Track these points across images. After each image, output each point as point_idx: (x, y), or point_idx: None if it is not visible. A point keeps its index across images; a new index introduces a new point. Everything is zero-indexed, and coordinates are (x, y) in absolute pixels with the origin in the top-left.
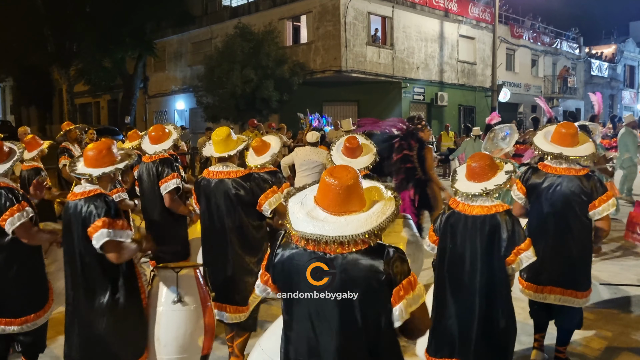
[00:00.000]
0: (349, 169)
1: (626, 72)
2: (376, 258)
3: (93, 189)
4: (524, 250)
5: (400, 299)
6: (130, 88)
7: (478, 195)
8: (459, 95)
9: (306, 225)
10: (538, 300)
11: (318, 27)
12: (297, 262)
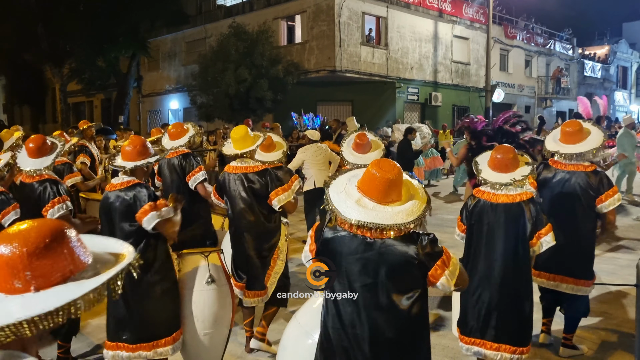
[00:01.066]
0: (393, 163)
1: (619, 73)
2: (411, 244)
3: (130, 179)
4: (544, 235)
5: (439, 277)
6: (124, 87)
7: (505, 185)
8: (453, 96)
9: (357, 214)
10: (548, 287)
11: (312, 27)
12: (341, 243)
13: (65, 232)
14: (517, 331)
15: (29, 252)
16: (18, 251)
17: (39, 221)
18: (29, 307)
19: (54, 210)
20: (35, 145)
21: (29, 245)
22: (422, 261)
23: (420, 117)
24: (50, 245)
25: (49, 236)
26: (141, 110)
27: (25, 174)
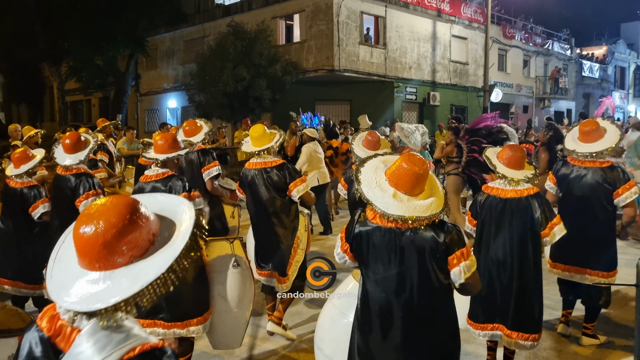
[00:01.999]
0: (420, 157)
1: (617, 73)
2: (440, 232)
3: (164, 171)
4: (557, 225)
5: (457, 264)
6: (122, 86)
7: (521, 180)
8: (451, 95)
9: (397, 209)
10: (565, 279)
11: (311, 26)
12: (373, 236)
13: (137, 202)
14: (529, 318)
15: (119, 229)
16: (109, 230)
17: (111, 200)
18: (138, 276)
19: (87, 202)
20: (71, 141)
21: (117, 223)
22: (447, 246)
23: (418, 117)
24: (132, 218)
25: (128, 210)
26: (139, 109)
27: (62, 167)
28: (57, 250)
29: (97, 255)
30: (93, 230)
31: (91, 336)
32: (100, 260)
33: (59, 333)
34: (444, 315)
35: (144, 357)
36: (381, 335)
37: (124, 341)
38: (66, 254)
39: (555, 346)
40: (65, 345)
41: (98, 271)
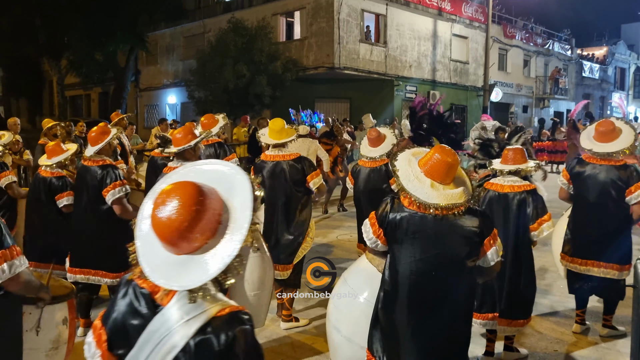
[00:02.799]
0: (450, 148)
1: (617, 74)
2: (474, 217)
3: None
4: (546, 222)
5: (491, 246)
6: (122, 81)
7: (511, 175)
8: (451, 94)
9: (436, 198)
10: (582, 273)
11: (311, 24)
12: (408, 222)
13: (200, 185)
14: (520, 306)
15: (191, 215)
16: (183, 219)
17: (177, 188)
18: (218, 255)
19: (114, 192)
20: (97, 133)
21: (189, 210)
22: (482, 231)
23: None
24: (201, 202)
25: (196, 195)
26: (139, 104)
27: (87, 158)
28: (139, 233)
29: (176, 242)
30: (167, 220)
31: (178, 302)
32: (181, 246)
33: (158, 291)
34: (467, 296)
35: (232, 316)
36: (407, 314)
37: (213, 303)
38: (149, 239)
39: (551, 346)
40: (163, 301)
41: (182, 255)
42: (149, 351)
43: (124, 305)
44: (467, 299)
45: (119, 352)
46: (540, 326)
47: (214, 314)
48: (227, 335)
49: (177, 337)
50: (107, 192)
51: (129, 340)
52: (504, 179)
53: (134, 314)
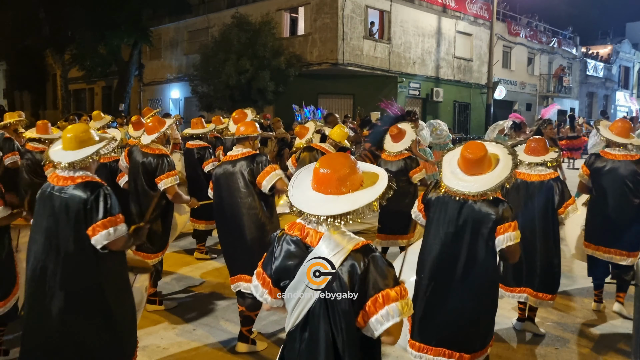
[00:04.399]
0: (480, 145)
1: (621, 72)
2: (494, 206)
3: (247, 151)
4: (571, 205)
5: (502, 233)
6: (125, 75)
7: (537, 165)
8: (455, 92)
9: (463, 188)
10: (601, 259)
11: (315, 19)
12: (442, 202)
13: (353, 158)
14: (550, 280)
15: (349, 170)
16: (342, 171)
17: (338, 156)
18: (355, 200)
19: (167, 180)
20: (153, 123)
21: (348, 167)
22: (497, 218)
23: (421, 113)
24: (353, 165)
25: (352, 161)
26: (142, 98)
27: (144, 146)
28: (293, 183)
29: (332, 185)
30: (331, 171)
31: (326, 239)
32: (333, 188)
33: (307, 235)
34: (487, 266)
35: (365, 248)
36: (434, 279)
37: (350, 241)
38: (301, 185)
39: (552, 343)
40: (312, 243)
41: (330, 195)
42: (306, 282)
43: (282, 252)
44: (487, 269)
45: (282, 284)
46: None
47: (352, 248)
48: (365, 261)
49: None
50: (160, 179)
51: (289, 275)
52: (530, 169)
53: (291, 256)
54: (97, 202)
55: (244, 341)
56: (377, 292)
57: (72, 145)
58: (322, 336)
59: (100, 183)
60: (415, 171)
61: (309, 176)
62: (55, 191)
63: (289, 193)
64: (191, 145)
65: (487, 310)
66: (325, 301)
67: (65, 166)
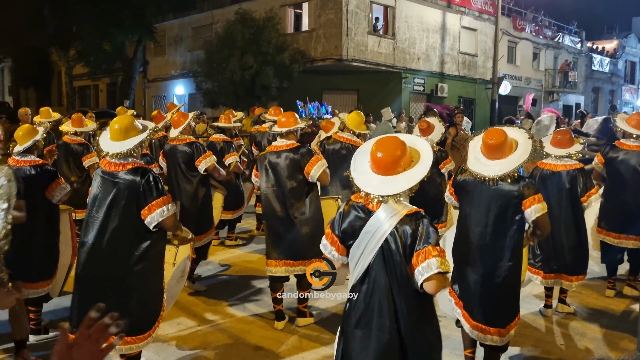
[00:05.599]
0: (500, 131)
1: (627, 67)
2: (516, 184)
3: (291, 142)
4: (593, 194)
5: (529, 207)
6: (130, 72)
7: (563, 157)
8: (459, 87)
9: (487, 172)
10: (614, 245)
11: (320, 15)
12: (468, 184)
13: (402, 139)
14: (578, 262)
15: (400, 152)
16: (395, 153)
17: (389, 140)
18: (411, 178)
19: (205, 161)
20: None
21: (399, 148)
22: (520, 194)
23: (425, 108)
24: (403, 146)
25: (401, 142)
26: (147, 95)
27: (174, 138)
28: (354, 167)
29: (388, 167)
30: (387, 155)
31: (385, 206)
32: (390, 170)
33: (370, 202)
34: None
35: (417, 213)
36: (468, 253)
37: (405, 207)
38: (361, 167)
39: (559, 338)
40: (374, 208)
41: (388, 176)
42: (368, 238)
43: (349, 215)
44: (514, 245)
45: (348, 243)
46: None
47: (406, 213)
48: (416, 223)
49: (386, 227)
50: (199, 162)
51: (354, 235)
52: (556, 160)
53: (357, 219)
54: (149, 184)
55: (302, 316)
56: (422, 248)
57: (119, 136)
58: (381, 284)
59: (149, 168)
60: (446, 162)
61: (365, 158)
62: (108, 176)
63: (353, 176)
64: (215, 138)
65: (512, 286)
66: (383, 256)
67: (114, 155)
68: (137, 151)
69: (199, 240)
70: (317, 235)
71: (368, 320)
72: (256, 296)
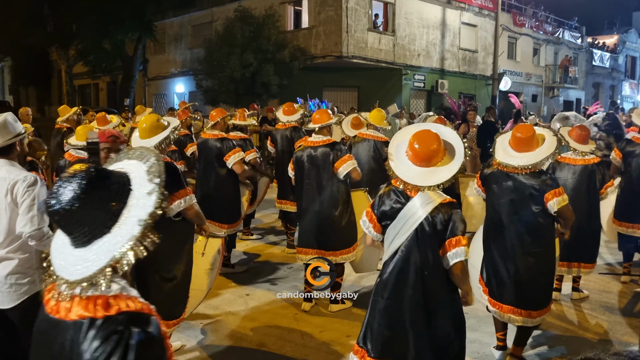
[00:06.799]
0: (529, 126)
1: (628, 62)
2: (537, 177)
3: (327, 138)
4: (610, 187)
5: (551, 198)
6: (130, 70)
7: (585, 152)
8: (460, 83)
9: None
10: (627, 234)
11: (319, 12)
12: (494, 176)
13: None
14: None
15: (436, 145)
16: (432, 146)
17: (427, 132)
18: (449, 169)
19: (234, 156)
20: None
21: (436, 142)
22: (541, 187)
23: (426, 105)
24: (439, 139)
25: (437, 135)
26: (147, 93)
27: (207, 133)
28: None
29: (426, 159)
30: (425, 148)
31: (422, 194)
32: (428, 162)
33: (408, 188)
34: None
35: (451, 203)
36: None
37: (440, 196)
38: (400, 158)
39: (573, 319)
40: (411, 194)
41: (427, 167)
42: (404, 221)
43: (389, 198)
44: (541, 233)
45: (384, 223)
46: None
47: (440, 202)
48: (449, 212)
49: (421, 213)
50: (228, 157)
51: (391, 216)
52: (576, 154)
53: (395, 202)
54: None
55: (335, 302)
56: (453, 237)
57: (147, 134)
58: (412, 262)
59: (172, 163)
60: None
61: (402, 149)
62: None
63: (391, 164)
64: (231, 136)
65: (542, 273)
66: (417, 237)
67: None
68: (164, 147)
69: (229, 228)
70: (348, 227)
71: (399, 292)
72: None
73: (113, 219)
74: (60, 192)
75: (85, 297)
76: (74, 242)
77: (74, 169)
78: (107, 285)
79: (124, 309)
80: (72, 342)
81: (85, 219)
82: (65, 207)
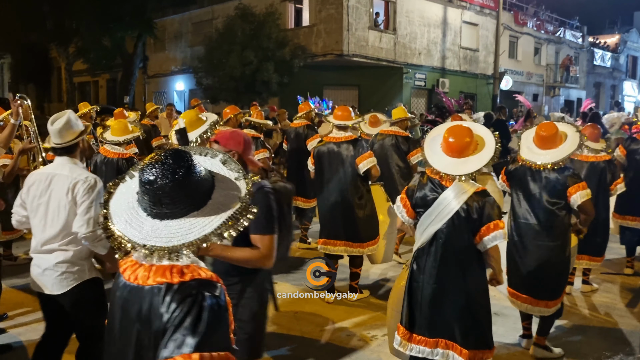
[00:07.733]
0: (552, 125)
1: (629, 62)
2: (561, 173)
3: (349, 135)
4: (619, 183)
5: (575, 192)
6: (130, 68)
7: (598, 150)
8: (461, 82)
9: (540, 160)
10: (631, 227)
11: (320, 10)
12: (519, 171)
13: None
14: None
15: (468, 138)
16: (465, 139)
17: (460, 126)
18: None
19: (259, 156)
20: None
21: (467, 135)
22: (565, 182)
23: (427, 104)
24: (470, 132)
25: (468, 129)
26: (147, 91)
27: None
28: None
29: (460, 151)
30: (458, 141)
31: (456, 184)
32: (461, 153)
33: (443, 179)
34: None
35: (483, 191)
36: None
37: (473, 186)
38: (433, 149)
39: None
40: (446, 184)
41: (459, 158)
42: (438, 211)
43: (425, 187)
44: (560, 227)
45: (418, 210)
46: None
47: (473, 192)
48: (482, 201)
49: (454, 203)
50: (257, 153)
51: (425, 204)
52: (588, 152)
53: (431, 191)
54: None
55: (354, 292)
56: (490, 222)
57: (188, 129)
58: (450, 247)
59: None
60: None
61: (437, 142)
62: None
63: (426, 155)
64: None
65: (558, 265)
66: (453, 225)
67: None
68: (205, 139)
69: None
70: (371, 219)
71: (438, 275)
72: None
73: (205, 198)
74: (166, 168)
75: (162, 266)
76: (164, 215)
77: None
78: (186, 257)
79: (196, 277)
80: (151, 305)
81: (190, 192)
82: (175, 180)
